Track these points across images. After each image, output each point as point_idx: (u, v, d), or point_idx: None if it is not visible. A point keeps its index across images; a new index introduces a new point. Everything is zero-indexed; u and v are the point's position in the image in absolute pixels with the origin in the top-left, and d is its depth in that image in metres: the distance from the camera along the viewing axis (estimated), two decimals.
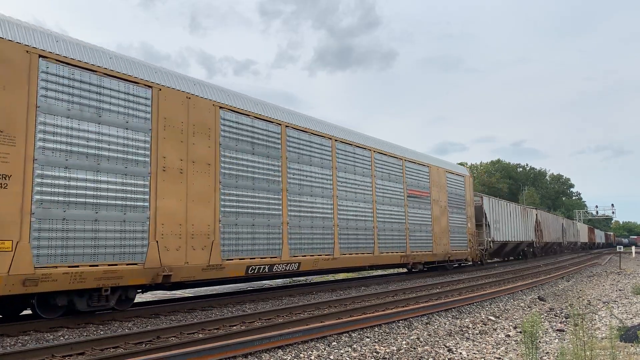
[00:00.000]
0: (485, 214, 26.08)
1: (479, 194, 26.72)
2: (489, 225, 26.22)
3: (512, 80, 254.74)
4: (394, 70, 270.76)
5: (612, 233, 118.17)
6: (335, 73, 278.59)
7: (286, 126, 13.01)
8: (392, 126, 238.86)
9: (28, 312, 9.27)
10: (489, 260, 29.24)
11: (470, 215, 23.34)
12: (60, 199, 8.20)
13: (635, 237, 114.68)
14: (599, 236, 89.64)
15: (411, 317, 9.00)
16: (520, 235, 32.61)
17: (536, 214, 37.78)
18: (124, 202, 9.09)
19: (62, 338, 7.42)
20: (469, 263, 24.27)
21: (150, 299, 12.72)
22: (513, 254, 34.81)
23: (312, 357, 6.23)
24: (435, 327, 8.47)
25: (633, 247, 43.19)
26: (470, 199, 23.68)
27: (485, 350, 6.83)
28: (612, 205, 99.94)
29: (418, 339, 7.44)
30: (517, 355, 6.45)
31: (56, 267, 7.98)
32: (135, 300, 11.27)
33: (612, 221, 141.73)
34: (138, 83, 9.57)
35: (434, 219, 19.75)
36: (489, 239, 26.14)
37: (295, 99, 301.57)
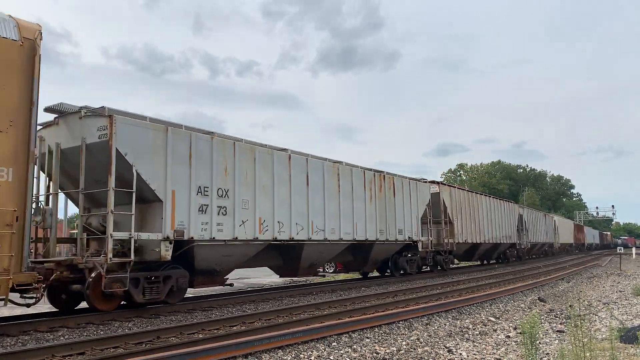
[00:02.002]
0: (130, 168, 9.11)
1: (113, 109, 9.24)
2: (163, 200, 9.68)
3: (513, 81, 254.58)
4: (396, 72, 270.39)
5: (608, 233, 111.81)
6: (338, 74, 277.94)
7: None
8: (393, 127, 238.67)
9: (27, 311, 9.27)
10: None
11: None
12: None
13: (626, 237, 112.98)
14: (591, 236, 76.73)
15: (411, 318, 9.00)
16: (365, 230, 15.43)
17: (408, 182, 18.25)
18: None
19: (62, 338, 7.42)
20: None
21: None
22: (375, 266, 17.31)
23: (312, 358, 6.24)
24: (436, 327, 8.47)
25: (633, 249, 43.29)
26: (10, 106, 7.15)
27: (485, 351, 6.83)
28: (613, 206, 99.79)
29: (418, 339, 7.43)
30: (517, 356, 6.45)
31: None
32: None
33: (613, 222, 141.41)
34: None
35: None
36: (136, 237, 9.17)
37: (297, 100, 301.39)
